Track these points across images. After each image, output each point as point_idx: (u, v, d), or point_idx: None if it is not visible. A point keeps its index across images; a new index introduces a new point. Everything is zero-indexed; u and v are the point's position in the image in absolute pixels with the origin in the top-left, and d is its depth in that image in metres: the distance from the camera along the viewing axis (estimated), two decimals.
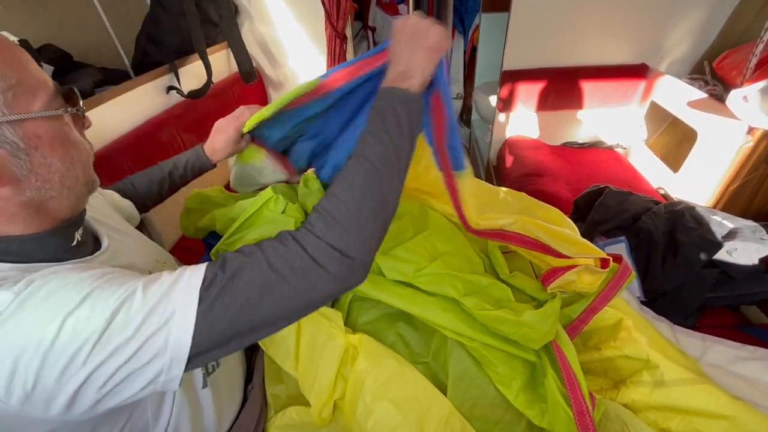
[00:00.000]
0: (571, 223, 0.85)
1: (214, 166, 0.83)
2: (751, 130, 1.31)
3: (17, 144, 0.39)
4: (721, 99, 1.51)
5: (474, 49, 2.79)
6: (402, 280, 0.72)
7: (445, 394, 0.68)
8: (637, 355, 0.75)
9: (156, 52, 1.63)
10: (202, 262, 0.88)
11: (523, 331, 0.67)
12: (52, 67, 1.38)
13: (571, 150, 2.08)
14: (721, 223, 1.16)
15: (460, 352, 0.70)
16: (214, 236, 0.87)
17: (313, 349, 0.67)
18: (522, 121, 2.08)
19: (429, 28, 0.54)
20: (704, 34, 1.81)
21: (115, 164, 1.22)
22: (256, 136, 0.79)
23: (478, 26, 2.66)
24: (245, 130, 0.76)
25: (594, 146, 2.10)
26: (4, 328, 0.35)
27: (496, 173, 2.14)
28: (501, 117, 2.07)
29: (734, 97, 1.33)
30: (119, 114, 1.33)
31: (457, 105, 3.02)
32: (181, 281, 0.41)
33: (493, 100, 2.17)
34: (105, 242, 0.54)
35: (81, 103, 0.47)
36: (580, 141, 2.13)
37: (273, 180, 0.87)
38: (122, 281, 0.41)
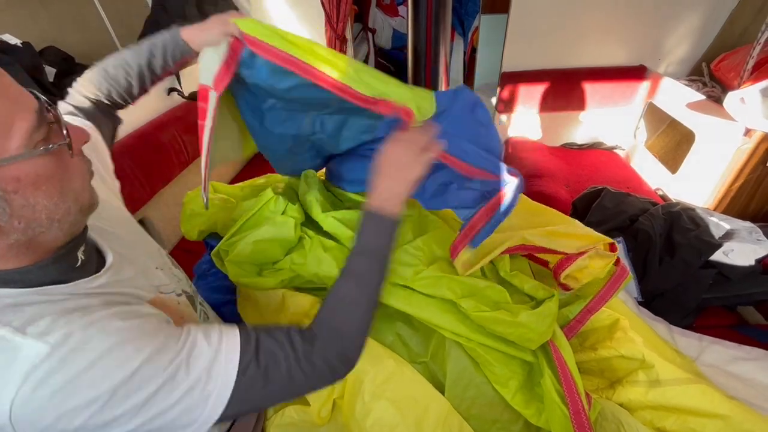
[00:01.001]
0: (572, 220, 0.87)
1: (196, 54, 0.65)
2: (748, 132, 1.32)
3: None
4: (718, 101, 1.52)
5: (474, 51, 2.80)
6: (400, 283, 0.72)
7: (443, 393, 0.69)
8: (633, 355, 0.75)
9: None
10: (203, 263, 0.89)
11: (519, 332, 0.68)
12: (54, 70, 1.39)
13: (571, 151, 2.08)
14: (718, 224, 1.16)
15: (458, 352, 0.71)
16: (214, 237, 0.88)
17: None
18: (521, 122, 2.09)
19: (414, 163, 0.59)
20: (702, 36, 1.82)
21: (116, 167, 1.22)
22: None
23: (477, 28, 2.67)
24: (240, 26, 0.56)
25: (593, 147, 2.11)
26: (49, 383, 0.35)
27: None
28: (501, 118, 2.08)
29: (732, 98, 1.33)
30: (120, 116, 1.34)
31: None
32: (220, 360, 0.44)
33: (492, 101, 2.18)
34: (109, 258, 0.52)
35: (66, 131, 0.41)
36: (580, 142, 2.14)
37: None
38: (166, 348, 0.42)
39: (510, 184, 0.66)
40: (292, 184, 0.93)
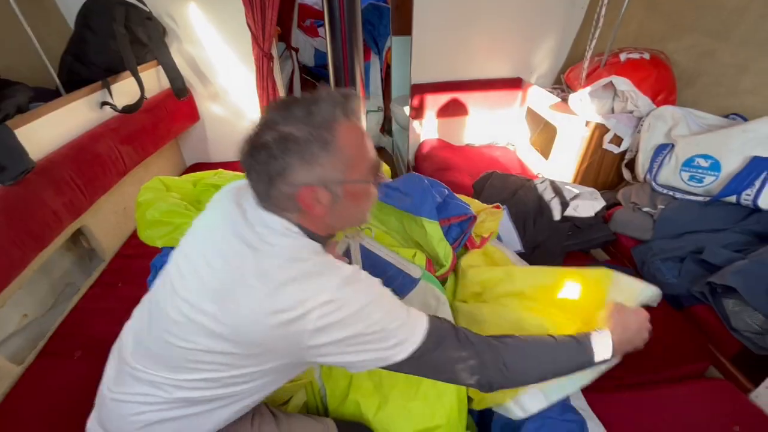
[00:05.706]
0: (473, 200, 1.19)
1: None
2: (587, 124, 1.78)
3: (338, 195, 0.60)
4: None
5: (389, 67, 3.15)
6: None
7: None
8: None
9: (84, 71, 1.68)
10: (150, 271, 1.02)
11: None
12: None
13: (472, 148, 2.49)
14: (570, 190, 1.57)
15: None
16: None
17: None
18: (431, 127, 2.45)
19: (641, 334, 0.72)
20: (558, 54, 2.35)
21: (56, 173, 1.29)
22: None
23: (390, 48, 3.03)
24: None
25: (490, 145, 2.54)
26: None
27: (414, 171, 2.48)
28: (414, 124, 2.42)
29: (573, 99, 1.79)
30: (56, 127, 1.39)
31: (379, 117, 3.36)
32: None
33: (407, 110, 2.52)
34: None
35: (381, 170, 0.68)
36: (479, 141, 2.56)
37: None
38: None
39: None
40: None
